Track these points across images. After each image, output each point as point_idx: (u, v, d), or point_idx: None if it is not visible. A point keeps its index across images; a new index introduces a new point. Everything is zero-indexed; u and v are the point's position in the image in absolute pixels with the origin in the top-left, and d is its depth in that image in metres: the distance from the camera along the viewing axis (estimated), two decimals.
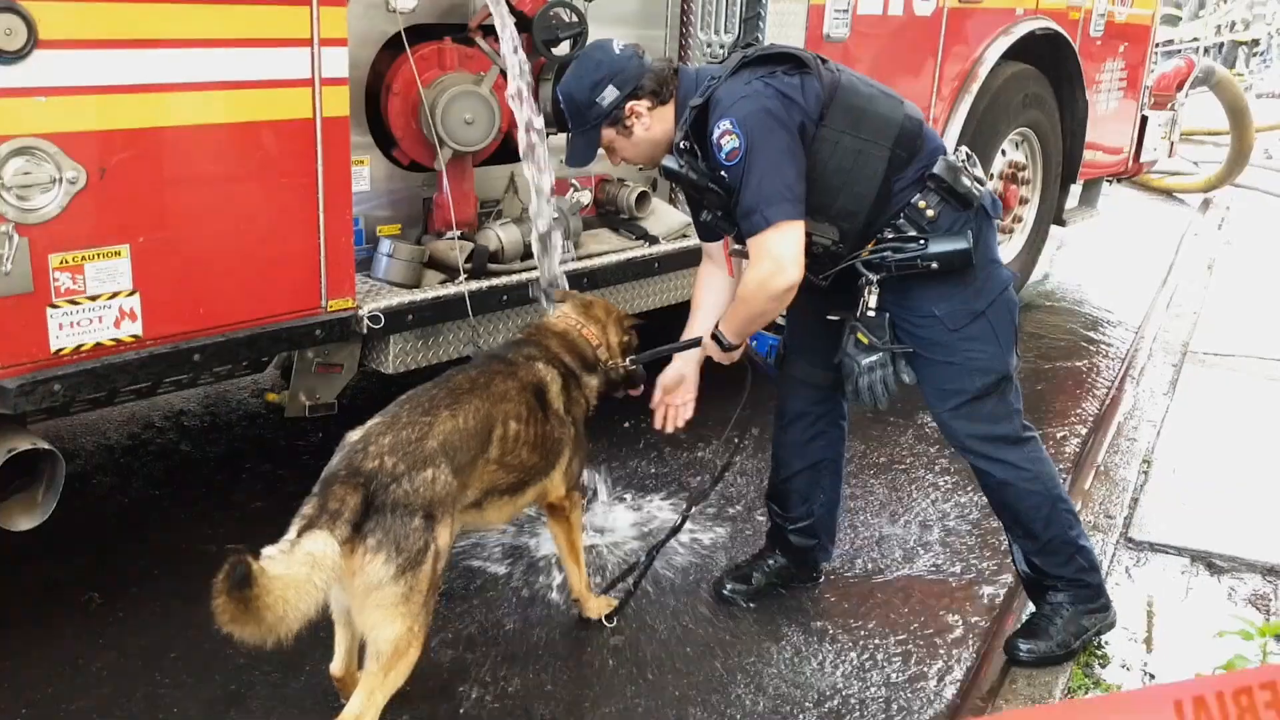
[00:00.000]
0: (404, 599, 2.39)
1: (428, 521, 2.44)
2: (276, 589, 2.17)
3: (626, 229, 4.30)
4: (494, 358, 2.98)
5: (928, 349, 2.98)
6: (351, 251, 3.27)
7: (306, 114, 3.05)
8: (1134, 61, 6.92)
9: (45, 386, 2.69)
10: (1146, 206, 10.13)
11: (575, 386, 3.05)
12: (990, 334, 2.96)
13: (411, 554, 2.39)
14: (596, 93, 2.92)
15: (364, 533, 2.35)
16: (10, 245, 2.56)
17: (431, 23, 3.72)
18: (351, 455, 2.47)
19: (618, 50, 2.99)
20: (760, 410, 3.49)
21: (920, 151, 2.90)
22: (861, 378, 2.95)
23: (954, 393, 3.01)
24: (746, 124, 2.74)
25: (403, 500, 2.41)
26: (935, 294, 2.92)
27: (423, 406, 2.64)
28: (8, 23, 2.47)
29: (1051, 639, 3.12)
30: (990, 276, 2.97)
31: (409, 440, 2.51)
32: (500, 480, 2.78)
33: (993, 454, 3.05)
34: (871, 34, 4.77)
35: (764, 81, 2.80)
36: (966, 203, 2.87)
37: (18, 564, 3.41)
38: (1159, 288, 7.29)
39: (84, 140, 2.66)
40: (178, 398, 4.68)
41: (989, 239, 2.99)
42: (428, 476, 2.47)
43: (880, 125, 2.86)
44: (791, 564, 3.50)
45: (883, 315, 2.94)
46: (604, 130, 2.98)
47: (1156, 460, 4.52)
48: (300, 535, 2.30)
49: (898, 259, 2.86)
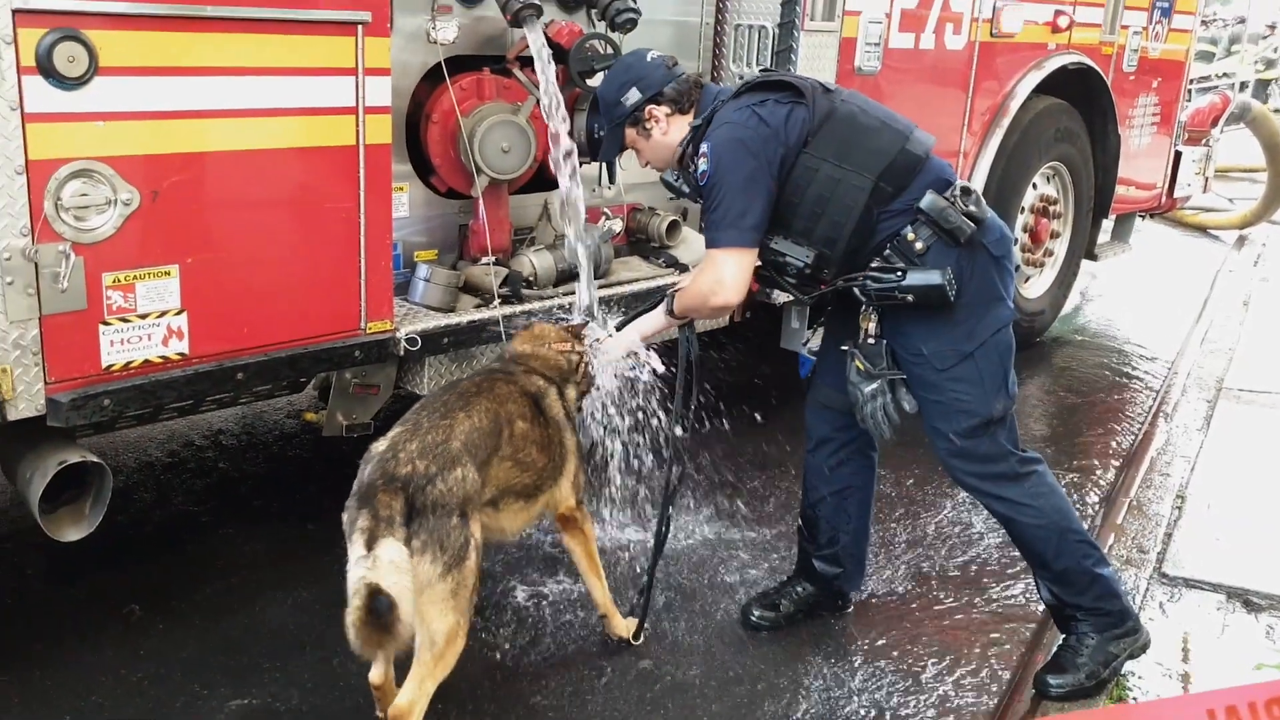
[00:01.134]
0: (452, 594, 2.52)
1: (463, 519, 2.57)
2: (400, 604, 2.35)
3: (657, 257, 4.36)
4: (489, 369, 3.16)
5: (918, 386, 3.03)
6: (390, 275, 3.35)
7: (350, 141, 3.14)
8: (1168, 97, 6.93)
9: (95, 401, 2.77)
10: (1180, 242, 10.08)
11: (563, 398, 3.15)
12: (976, 376, 2.98)
13: (455, 551, 2.52)
14: (621, 93, 3.14)
15: (410, 534, 2.48)
16: (67, 264, 2.65)
17: (471, 54, 3.81)
18: (384, 463, 2.57)
19: (648, 59, 3.19)
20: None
21: (912, 185, 2.93)
22: (865, 406, 3.01)
23: (943, 433, 3.06)
24: (718, 151, 2.91)
25: (440, 500, 2.53)
26: (924, 331, 2.96)
27: (440, 412, 2.76)
28: (71, 50, 2.57)
29: (1079, 671, 3.11)
30: (984, 316, 2.98)
31: (435, 443, 2.63)
32: (515, 480, 2.88)
33: (993, 491, 3.09)
34: (903, 67, 4.83)
35: (751, 109, 2.94)
36: (955, 239, 2.90)
37: (63, 575, 3.50)
38: (1193, 323, 7.25)
39: (138, 164, 2.75)
40: (216, 417, 4.77)
41: (988, 277, 2.98)
42: (458, 475, 2.60)
43: (869, 156, 2.91)
44: (819, 591, 3.51)
45: (880, 343, 2.99)
46: (626, 130, 3.19)
47: (1191, 495, 4.50)
48: (371, 547, 2.43)
49: (876, 288, 2.92)
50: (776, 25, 4.27)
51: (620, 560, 3.75)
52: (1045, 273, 6.42)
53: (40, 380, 2.70)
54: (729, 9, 4.44)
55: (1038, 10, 5.56)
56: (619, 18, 3.86)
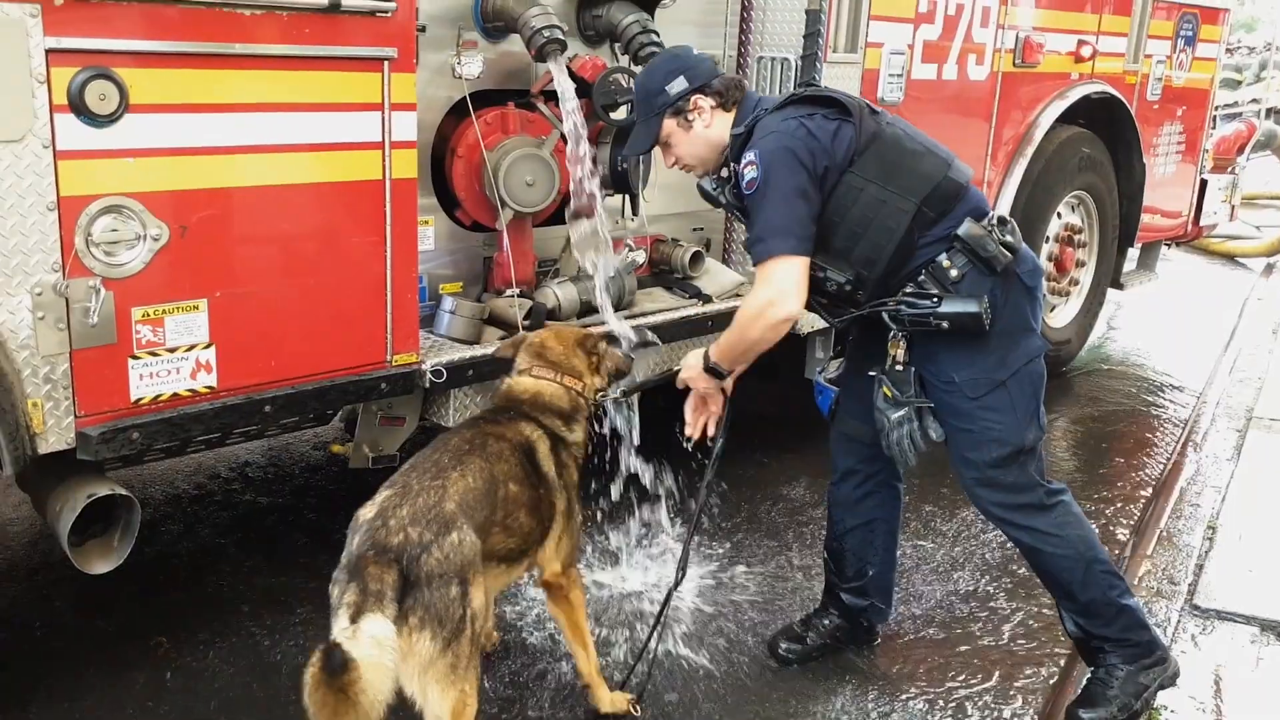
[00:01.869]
0: (453, 668, 2.39)
1: (463, 587, 2.41)
2: (366, 673, 2.17)
3: (680, 288, 4.37)
4: (481, 420, 2.95)
5: (949, 414, 3.00)
6: (416, 308, 3.37)
7: (376, 176, 3.17)
8: (1193, 125, 6.91)
9: (125, 434, 2.79)
10: (1207, 271, 10.01)
11: (564, 448, 2.96)
12: (1009, 405, 2.96)
13: (454, 624, 2.38)
14: (668, 80, 3.09)
15: (405, 610, 2.33)
16: (96, 299, 2.68)
17: (495, 88, 3.85)
18: (374, 532, 2.42)
19: (695, 52, 3.20)
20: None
21: (953, 212, 2.92)
22: (892, 433, 2.99)
23: (973, 462, 3.03)
24: (767, 158, 2.85)
25: (437, 570, 2.38)
26: (957, 359, 2.94)
27: (430, 472, 2.59)
28: (102, 89, 2.61)
29: (1111, 704, 3.07)
30: (1018, 346, 2.97)
31: (428, 507, 2.47)
32: (500, 546, 2.67)
33: (1019, 521, 3.06)
34: (925, 98, 4.84)
35: (799, 121, 2.89)
36: (991, 267, 2.89)
37: (92, 607, 3.52)
38: (1221, 353, 7.19)
39: (167, 199, 2.79)
40: (243, 450, 4.79)
41: (1020, 306, 2.97)
42: (454, 540, 2.44)
43: (914, 181, 2.90)
44: (845, 624, 3.48)
45: (908, 370, 2.97)
46: (666, 120, 3.12)
47: (1222, 526, 4.44)
48: (355, 620, 2.27)
49: (910, 314, 2.89)
50: (799, 57, 4.29)
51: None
52: (1071, 302, 6.39)
53: (70, 414, 2.73)
54: (751, 41, 4.47)
55: (1060, 40, 5.56)
56: (642, 51, 3.88)
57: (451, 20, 3.65)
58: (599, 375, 3.12)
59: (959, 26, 4.91)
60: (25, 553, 3.91)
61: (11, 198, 2.54)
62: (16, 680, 3.12)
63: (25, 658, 3.25)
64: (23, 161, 2.55)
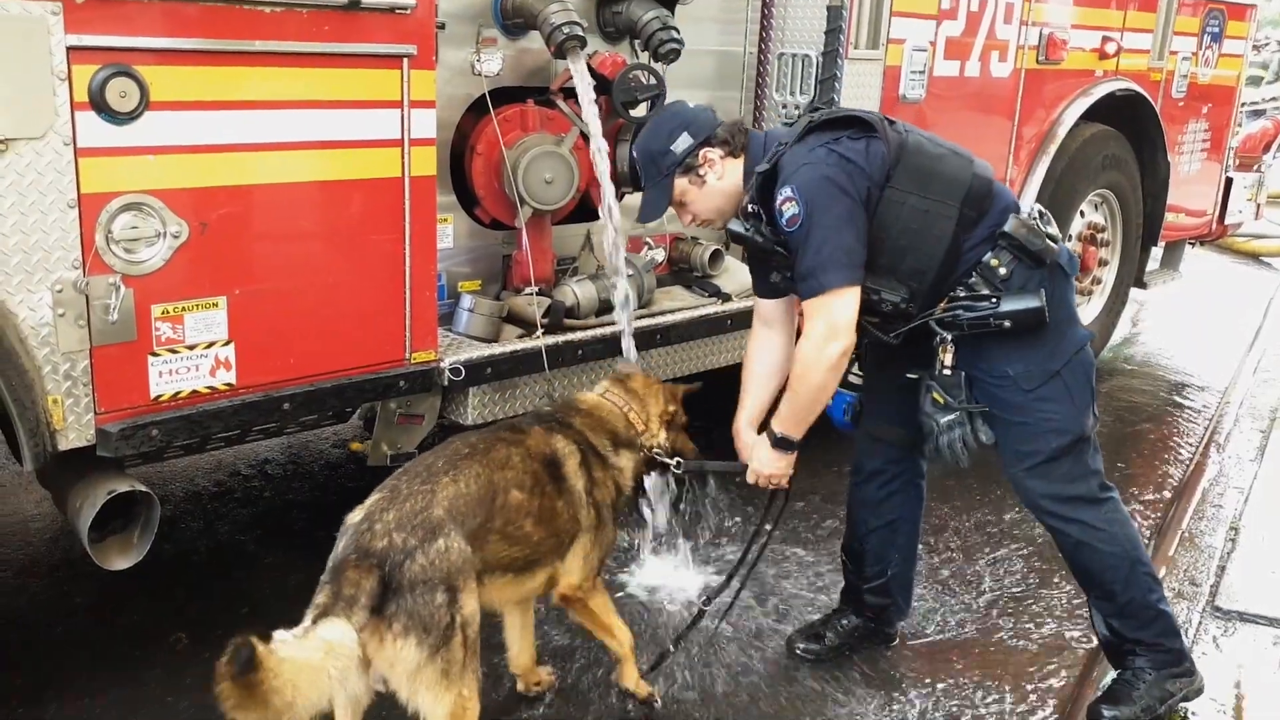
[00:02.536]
0: (444, 675, 2.35)
1: (450, 594, 2.36)
2: (286, 673, 2.10)
3: (700, 286, 4.35)
4: (502, 426, 2.93)
5: (1003, 409, 2.96)
6: (435, 306, 3.36)
7: (395, 173, 3.17)
8: (1218, 123, 6.84)
9: (144, 431, 2.80)
10: (1232, 269, 9.93)
11: (600, 466, 2.92)
12: (1065, 394, 2.93)
13: (440, 631, 2.33)
14: (672, 140, 3.02)
15: (387, 616, 2.29)
16: (117, 296, 2.69)
17: (515, 86, 3.84)
18: (358, 537, 2.39)
19: (692, 105, 3.15)
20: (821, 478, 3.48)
21: (990, 210, 2.90)
22: (941, 436, 2.95)
23: (1029, 454, 2.99)
24: (807, 191, 2.79)
25: (420, 576, 2.34)
26: (1009, 353, 2.91)
27: (421, 476, 2.55)
28: (123, 86, 2.62)
29: (1135, 704, 3.05)
30: (1066, 335, 2.95)
31: (414, 512, 2.43)
32: (502, 554, 2.61)
33: (1068, 514, 3.02)
34: (947, 95, 4.80)
35: (828, 148, 2.83)
36: (1040, 261, 2.87)
37: (111, 604, 3.53)
38: (1245, 352, 7.13)
39: (187, 197, 2.79)
40: (263, 447, 4.81)
41: (1066, 297, 2.97)
42: (440, 547, 2.39)
43: (948, 185, 2.87)
44: (865, 623, 3.47)
45: (958, 374, 2.93)
46: (677, 180, 3.05)
47: (1244, 527, 4.41)
48: (315, 622, 2.25)
49: (970, 317, 2.86)
50: (820, 54, 4.26)
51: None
52: (1094, 301, 6.34)
53: (90, 411, 2.74)
54: (772, 38, 4.44)
55: (1085, 37, 5.51)
56: (662, 48, 3.87)
57: (471, 17, 3.64)
58: (665, 429, 3.09)
59: (982, 23, 4.87)
60: (46, 549, 3.93)
61: (33, 195, 2.55)
62: (36, 676, 3.14)
63: (45, 654, 3.27)
64: (44, 159, 2.56)
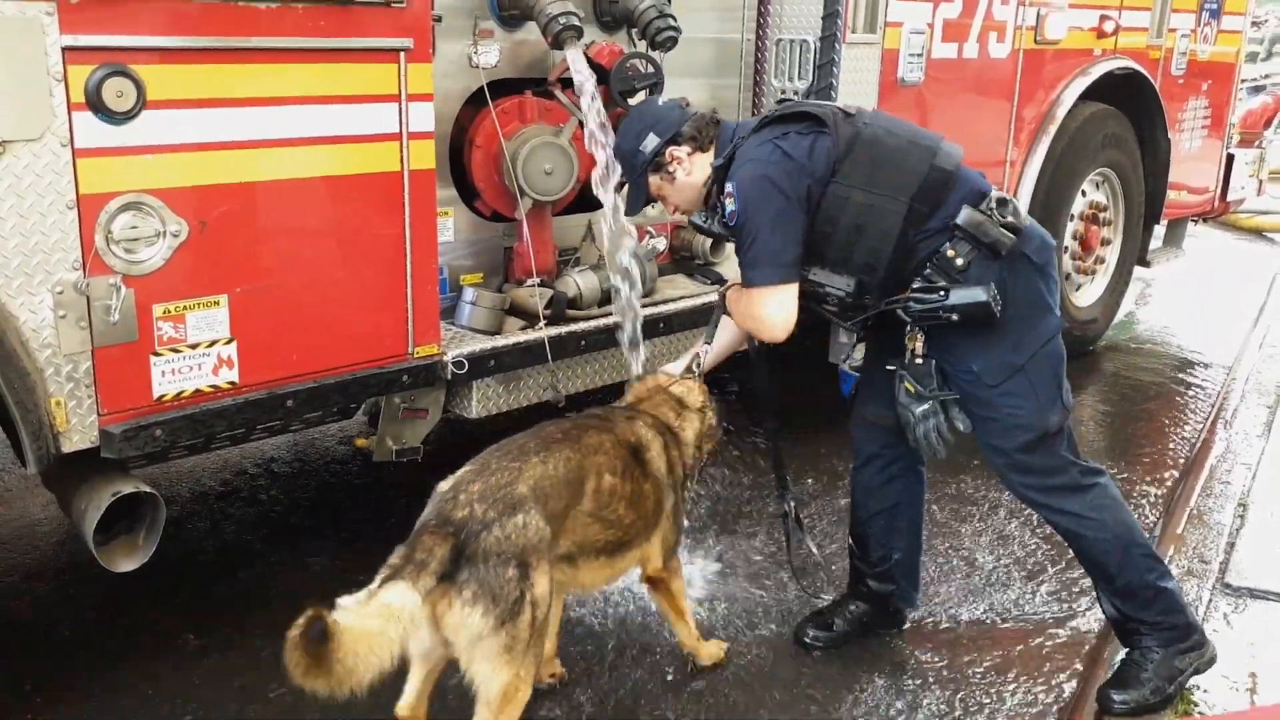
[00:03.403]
0: (507, 649, 2.38)
1: (522, 570, 2.40)
2: (349, 642, 2.15)
3: (701, 274, 4.35)
4: (590, 413, 3.03)
5: (973, 404, 2.98)
6: (437, 299, 3.36)
7: (394, 167, 3.16)
8: (1218, 99, 6.82)
9: (148, 432, 2.79)
10: (1235, 246, 9.90)
11: (675, 446, 3.04)
12: (1029, 389, 2.93)
13: (509, 604, 2.36)
14: (639, 140, 3.08)
15: (458, 583, 2.33)
16: (117, 296, 2.68)
17: (513, 77, 3.83)
18: (442, 504, 2.46)
19: (659, 103, 3.20)
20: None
21: (946, 200, 2.88)
22: (917, 426, 2.97)
23: (1001, 449, 3.01)
24: (744, 189, 2.86)
25: (494, 549, 2.38)
26: (972, 348, 2.92)
27: (512, 453, 2.62)
28: (119, 85, 2.61)
29: (1144, 686, 3.04)
30: (1032, 327, 2.93)
31: (498, 486, 2.49)
32: (596, 536, 2.73)
33: (1054, 504, 3.04)
34: (946, 78, 4.78)
35: (773, 144, 2.88)
36: (995, 252, 2.86)
37: (119, 606, 3.53)
38: (1250, 328, 7.11)
39: (187, 195, 2.78)
40: (268, 445, 4.81)
41: (1033, 287, 2.93)
42: (519, 522, 2.44)
43: (899, 179, 2.86)
44: (872, 610, 3.46)
45: (929, 363, 2.94)
46: (650, 178, 3.11)
47: (1253, 504, 4.40)
48: (381, 586, 2.29)
49: (919, 309, 2.87)
50: (818, 39, 4.25)
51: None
52: (1097, 280, 6.32)
53: (93, 412, 2.73)
54: (770, 24, 4.42)
55: (1082, 16, 5.49)
56: (659, 36, 3.85)
57: (467, 10, 3.63)
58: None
59: (979, 4, 4.85)
60: (53, 553, 3.93)
61: (31, 196, 2.55)
62: (44, 679, 3.14)
63: (52, 656, 3.27)
64: (41, 160, 2.55)
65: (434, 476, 2.64)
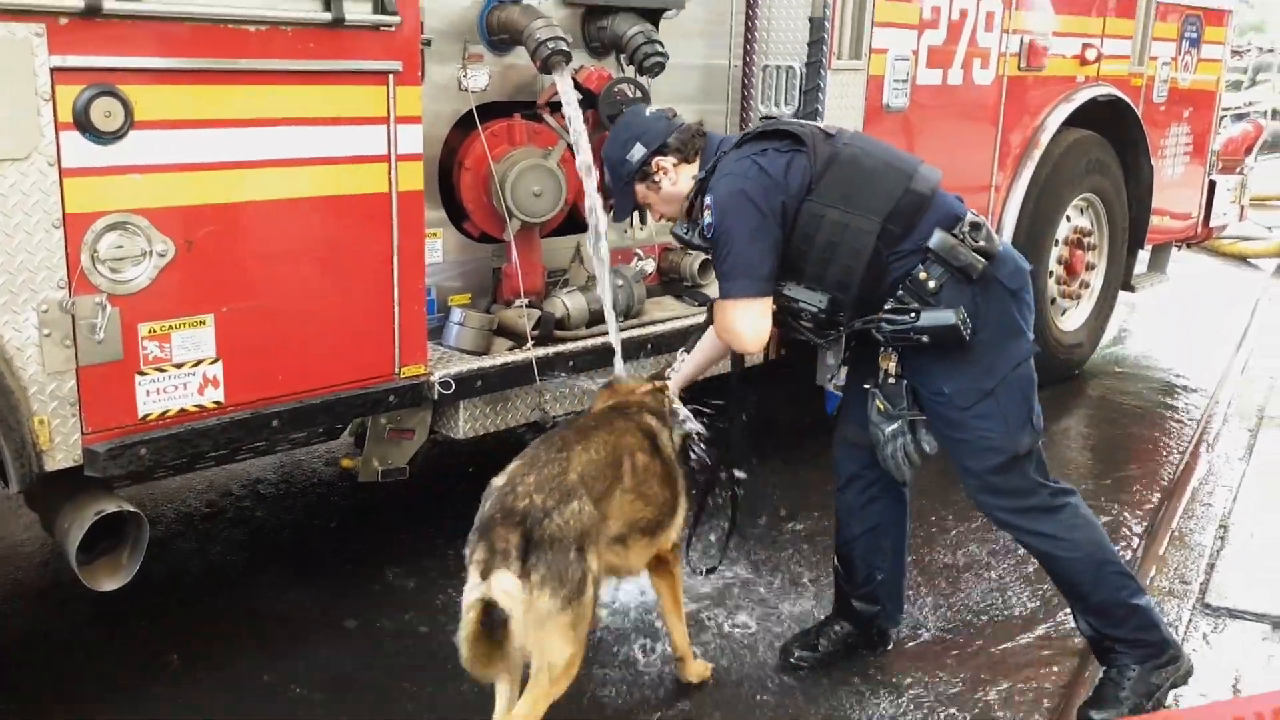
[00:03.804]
0: (572, 626, 2.57)
1: (580, 552, 2.59)
2: (511, 627, 2.44)
3: (690, 295, 4.37)
4: (608, 408, 3.16)
5: (943, 425, 3.01)
6: (424, 320, 3.37)
7: (383, 189, 3.18)
8: (1200, 126, 6.89)
9: (132, 451, 2.79)
10: (1219, 271, 9.98)
11: (671, 438, 3.16)
12: (999, 413, 2.95)
13: (574, 584, 2.55)
14: (626, 150, 3.12)
15: (528, 568, 2.51)
16: (103, 315, 2.69)
17: (502, 100, 3.85)
18: (502, 498, 2.61)
19: (647, 113, 3.21)
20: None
21: (920, 223, 2.91)
22: (886, 445, 3.01)
23: (973, 471, 3.04)
24: (720, 203, 2.90)
25: (557, 534, 2.55)
26: (944, 370, 2.95)
27: (556, 445, 2.78)
28: (107, 106, 2.62)
29: (1122, 704, 3.05)
30: (1003, 351, 2.96)
31: (551, 476, 2.65)
32: (640, 514, 2.90)
33: (1025, 525, 3.07)
34: (931, 104, 4.83)
35: (751, 159, 2.93)
36: (967, 276, 2.88)
37: (103, 625, 3.51)
38: (1233, 353, 7.16)
39: (173, 215, 2.79)
40: (254, 465, 4.79)
41: (1005, 312, 2.96)
42: (574, 509, 2.62)
43: (873, 200, 2.90)
44: (857, 630, 3.47)
45: (900, 383, 2.98)
46: (636, 187, 3.16)
47: (1233, 525, 4.42)
48: (485, 578, 2.48)
49: (890, 330, 2.90)
50: (804, 65, 4.29)
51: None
52: (1082, 305, 6.36)
53: (77, 431, 2.73)
54: (756, 50, 4.47)
55: (1065, 44, 5.55)
56: (647, 62, 3.89)
57: (457, 34, 3.66)
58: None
59: (963, 31, 4.91)
60: (36, 573, 3.91)
61: (17, 215, 2.56)
62: (28, 700, 3.12)
63: (36, 678, 3.24)
64: (28, 179, 2.56)
65: (420, 497, 2.66)
